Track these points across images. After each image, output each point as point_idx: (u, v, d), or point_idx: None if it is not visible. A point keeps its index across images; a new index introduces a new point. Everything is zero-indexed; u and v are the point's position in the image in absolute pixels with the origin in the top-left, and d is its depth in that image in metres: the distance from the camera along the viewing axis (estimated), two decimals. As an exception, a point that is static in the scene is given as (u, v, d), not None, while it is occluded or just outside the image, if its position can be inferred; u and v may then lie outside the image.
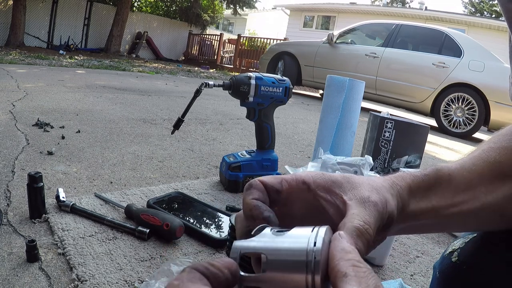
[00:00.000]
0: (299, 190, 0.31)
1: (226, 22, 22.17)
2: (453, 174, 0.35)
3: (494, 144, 0.37)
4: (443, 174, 0.35)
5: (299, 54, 5.57)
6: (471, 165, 0.35)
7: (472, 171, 0.35)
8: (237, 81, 1.10)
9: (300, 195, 0.31)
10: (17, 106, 2.01)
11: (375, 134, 1.54)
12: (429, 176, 0.35)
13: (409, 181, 0.34)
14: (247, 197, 0.30)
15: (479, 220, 0.36)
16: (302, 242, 0.23)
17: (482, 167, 0.35)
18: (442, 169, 0.35)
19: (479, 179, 0.35)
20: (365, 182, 0.31)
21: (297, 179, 0.31)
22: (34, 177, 0.81)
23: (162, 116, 2.31)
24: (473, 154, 0.37)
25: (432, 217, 0.34)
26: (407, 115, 5.08)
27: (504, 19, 0.39)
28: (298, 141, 2.23)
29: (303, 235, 0.23)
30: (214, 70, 9.65)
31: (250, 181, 0.32)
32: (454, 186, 0.34)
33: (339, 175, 0.32)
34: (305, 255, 0.22)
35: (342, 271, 0.21)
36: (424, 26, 4.93)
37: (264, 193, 0.30)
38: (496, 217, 0.36)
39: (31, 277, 0.64)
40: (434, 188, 0.34)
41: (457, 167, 0.35)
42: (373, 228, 0.27)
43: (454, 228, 0.40)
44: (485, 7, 18.00)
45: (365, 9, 12.78)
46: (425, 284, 0.81)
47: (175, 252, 0.78)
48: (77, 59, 6.80)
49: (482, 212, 0.35)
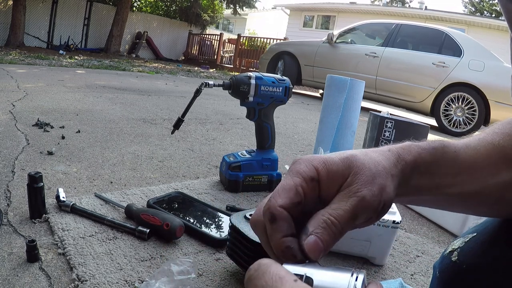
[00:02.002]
0: (311, 190, 0.30)
1: (226, 22, 22.17)
2: (459, 152, 0.35)
3: (498, 129, 0.37)
4: (449, 150, 0.35)
5: (299, 54, 5.56)
6: (476, 145, 0.36)
7: (477, 151, 0.35)
8: (237, 81, 1.10)
9: (313, 193, 0.30)
10: (17, 106, 2.01)
11: (375, 133, 1.54)
12: (436, 150, 0.34)
13: (415, 154, 0.34)
14: (275, 235, 0.29)
15: (475, 203, 0.37)
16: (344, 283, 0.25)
17: (486, 149, 0.35)
18: (449, 145, 0.35)
19: (484, 160, 0.35)
20: (366, 167, 0.30)
21: (306, 178, 0.30)
22: (34, 177, 0.81)
23: (162, 116, 2.31)
24: (478, 136, 0.38)
25: (432, 194, 0.35)
26: (407, 115, 5.08)
27: (504, 19, 0.39)
28: (298, 140, 2.23)
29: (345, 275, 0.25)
30: (214, 70, 9.65)
31: (272, 210, 0.29)
32: (459, 164, 0.35)
33: (340, 161, 0.31)
34: None
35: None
36: (424, 26, 4.93)
37: (290, 222, 0.29)
38: (491, 201, 0.36)
39: (31, 277, 0.64)
40: (439, 163, 0.34)
41: (463, 146, 0.36)
42: (342, 222, 0.28)
43: (450, 206, 0.40)
44: (485, 7, 17.99)
45: (365, 8, 12.78)
46: (425, 284, 0.81)
47: (175, 252, 0.78)
48: (77, 59, 6.80)
49: (481, 195, 0.35)
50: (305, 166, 0.30)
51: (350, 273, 0.25)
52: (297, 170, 0.30)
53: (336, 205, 0.29)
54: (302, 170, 0.30)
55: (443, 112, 4.23)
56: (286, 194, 0.29)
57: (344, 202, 0.29)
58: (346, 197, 0.29)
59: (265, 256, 0.28)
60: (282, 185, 0.30)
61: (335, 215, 0.28)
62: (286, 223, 0.29)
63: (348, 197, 0.29)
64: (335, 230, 0.28)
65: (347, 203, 0.29)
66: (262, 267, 0.24)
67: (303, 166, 0.31)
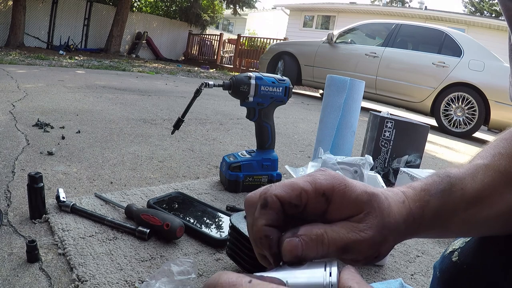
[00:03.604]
0: (317, 203, 0.29)
1: (226, 22, 22.17)
2: (466, 189, 0.35)
3: (503, 150, 0.37)
4: (456, 189, 0.34)
5: (299, 54, 5.57)
6: (483, 177, 0.35)
7: (484, 183, 0.35)
8: (237, 81, 1.10)
9: (316, 205, 0.30)
10: (17, 106, 2.01)
11: (375, 133, 1.54)
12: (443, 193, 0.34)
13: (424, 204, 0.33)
14: (259, 220, 0.28)
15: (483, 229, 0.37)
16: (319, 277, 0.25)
17: (493, 178, 0.35)
18: (455, 183, 0.35)
19: (490, 189, 0.35)
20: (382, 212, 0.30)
21: (317, 190, 0.29)
22: (34, 178, 0.81)
23: (162, 116, 2.31)
24: (484, 160, 0.37)
25: (438, 231, 0.35)
26: (407, 115, 5.08)
27: (504, 18, 0.39)
28: (298, 140, 2.23)
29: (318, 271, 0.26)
30: (214, 70, 9.65)
31: (266, 196, 0.28)
32: (466, 200, 0.34)
33: (363, 191, 0.30)
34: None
35: (347, 285, 0.24)
36: (424, 26, 4.93)
37: (280, 214, 0.28)
38: (498, 225, 0.36)
39: (32, 277, 0.64)
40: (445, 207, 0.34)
41: (470, 180, 0.35)
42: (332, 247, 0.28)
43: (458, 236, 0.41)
44: (485, 7, 17.99)
45: (365, 8, 12.78)
46: (425, 284, 0.81)
47: (176, 252, 0.78)
48: (77, 59, 6.80)
49: (488, 221, 0.35)
50: (324, 179, 0.29)
51: (323, 267, 0.26)
52: (315, 177, 0.30)
53: (337, 228, 0.29)
54: (319, 181, 0.29)
55: (443, 112, 4.23)
56: (288, 190, 0.29)
57: (345, 231, 0.29)
58: (350, 229, 0.29)
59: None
60: (291, 181, 0.29)
61: (330, 237, 0.28)
62: (275, 213, 0.28)
63: (351, 230, 0.29)
64: (321, 249, 0.28)
65: (347, 234, 0.28)
66: (211, 280, 0.23)
67: (323, 178, 0.30)
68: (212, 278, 0.23)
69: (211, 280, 0.23)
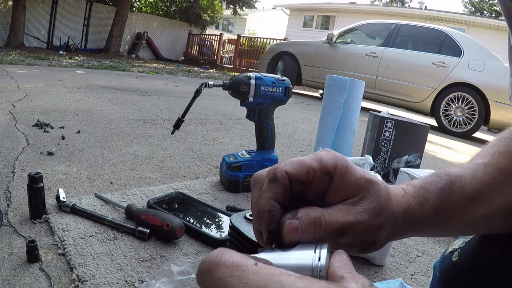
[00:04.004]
0: (321, 181, 0.30)
1: (226, 22, 22.17)
2: (465, 187, 0.35)
3: (503, 148, 0.37)
4: (455, 187, 0.35)
5: (299, 54, 5.57)
6: (483, 175, 0.35)
7: (484, 181, 0.35)
8: (237, 81, 1.10)
9: (320, 184, 0.30)
10: (17, 106, 2.01)
11: (375, 133, 1.54)
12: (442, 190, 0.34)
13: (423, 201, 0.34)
14: (266, 193, 0.28)
15: (484, 227, 0.37)
16: (308, 259, 0.25)
17: (493, 176, 0.35)
18: (455, 181, 0.35)
19: (490, 187, 0.35)
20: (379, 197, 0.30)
21: (322, 169, 0.29)
22: (34, 178, 0.81)
23: (162, 116, 2.31)
24: (483, 159, 0.37)
25: (437, 229, 0.35)
26: (407, 115, 5.08)
27: (504, 18, 0.39)
28: (298, 141, 2.23)
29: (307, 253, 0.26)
30: (214, 70, 9.65)
31: (276, 171, 0.29)
32: (465, 198, 0.34)
33: (362, 176, 0.30)
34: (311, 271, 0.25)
35: (339, 274, 0.23)
36: (424, 26, 4.93)
37: (287, 190, 0.29)
38: (498, 222, 0.36)
39: (32, 277, 0.64)
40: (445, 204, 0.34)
41: (470, 179, 0.35)
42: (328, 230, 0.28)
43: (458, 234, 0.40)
44: (485, 7, 17.99)
45: (365, 8, 12.78)
46: (425, 284, 0.81)
47: (176, 252, 0.78)
48: (77, 60, 6.80)
49: (490, 219, 0.35)
50: (329, 158, 0.30)
51: (313, 250, 0.26)
52: (320, 156, 0.30)
53: (332, 212, 0.29)
54: (324, 159, 0.30)
55: (443, 112, 4.23)
56: (296, 167, 0.29)
57: (340, 214, 0.29)
58: (345, 212, 0.29)
59: None
60: (299, 159, 0.30)
61: (327, 219, 0.28)
62: (282, 188, 0.28)
63: (347, 213, 0.29)
64: (318, 231, 0.28)
65: (343, 217, 0.29)
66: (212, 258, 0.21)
67: (328, 157, 0.30)
68: (212, 256, 0.21)
69: (212, 258, 0.21)
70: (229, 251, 0.21)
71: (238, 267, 0.20)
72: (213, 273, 0.20)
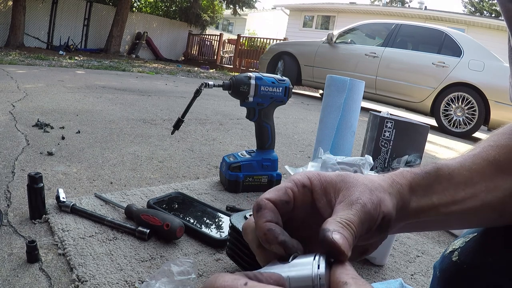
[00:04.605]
0: (302, 195, 0.32)
1: (226, 22, 22.17)
2: (453, 173, 0.35)
3: (493, 142, 0.37)
4: (443, 172, 0.35)
5: (299, 54, 5.57)
6: (471, 163, 0.36)
7: (472, 170, 0.35)
8: (237, 81, 1.10)
9: (304, 199, 0.32)
10: (17, 106, 2.01)
11: (375, 133, 1.54)
12: (429, 174, 0.35)
13: (409, 179, 0.34)
14: (259, 220, 0.29)
15: (479, 218, 0.37)
16: (307, 269, 0.26)
17: (481, 166, 0.36)
18: (442, 167, 0.36)
19: (479, 177, 0.35)
20: (360, 182, 0.31)
21: (297, 183, 0.32)
22: (34, 178, 0.81)
23: (162, 117, 2.31)
24: (472, 152, 0.38)
25: (433, 215, 0.35)
26: (407, 115, 5.08)
27: (504, 19, 0.39)
28: (298, 141, 2.23)
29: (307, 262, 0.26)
30: (214, 70, 9.65)
31: (258, 201, 0.31)
32: (455, 184, 0.35)
33: (334, 175, 0.32)
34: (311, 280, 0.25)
35: (343, 281, 0.24)
36: (424, 26, 4.93)
37: (276, 212, 0.30)
38: (495, 215, 0.36)
39: (32, 277, 0.64)
40: (434, 185, 0.35)
41: (457, 166, 0.36)
42: (356, 226, 0.28)
43: (454, 225, 0.41)
44: (485, 7, 18.00)
45: (365, 8, 12.79)
46: (425, 284, 0.81)
47: (176, 252, 0.78)
48: (77, 60, 6.80)
49: (482, 210, 0.35)
50: (299, 175, 0.33)
51: (312, 258, 0.26)
52: (291, 178, 0.33)
53: (342, 213, 0.29)
54: (295, 177, 0.33)
55: (443, 112, 4.23)
56: (274, 192, 0.31)
57: (348, 210, 0.29)
58: (349, 206, 0.29)
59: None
60: (274, 187, 0.32)
61: (348, 218, 0.28)
62: (270, 212, 0.30)
63: (350, 205, 0.29)
64: (353, 232, 0.28)
65: (352, 210, 0.29)
66: (207, 284, 0.23)
67: (298, 175, 0.33)
68: (208, 282, 0.23)
69: (207, 284, 0.23)
70: (223, 275, 0.23)
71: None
72: None
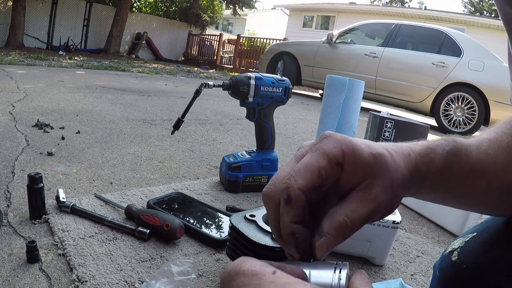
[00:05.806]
0: (332, 174, 0.29)
1: (226, 22, 22.17)
2: (470, 155, 0.36)
3: (507, 129, 0.38)
4: (461, 154, 0.36)
5: (298, 54, 5.57)
6: (487, 148, 0.36)
7: (487, 154, 0.36)
8: (236, 81, 1.10)
9: (332, 178, 0.29)
10: (17, 107, 2.01)
11: (375, 133, 1.54)
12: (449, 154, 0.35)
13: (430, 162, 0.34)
14: (286, 217, 0.28)
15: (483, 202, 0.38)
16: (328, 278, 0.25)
17: (496, 151, 0.36)
18: (461, 148, 0.36)
19: (492, 162, 0.36)
20: (388, 170, 0.30)
21: (331, 161, 0.28)
22: (34, 178, 0.81)
23: (162, 117, 2.31)
24: (488, 136, 0.38)
25: (440, 193, 0.36)
26: (407, 115, 5.08)
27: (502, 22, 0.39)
28: (298, 141, 2.23)
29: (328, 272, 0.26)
30: (213, 70, 9.65)
31: (289, 191, 0.27)
32: (469, 167, 0.35)
33: (369, 155, 0.29)
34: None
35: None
36: (424, 26, 4.93)
37: (305, 207, 0.28)
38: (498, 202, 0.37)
39: (32, 278, 0.64)
40: (450, 168, 0.35)
41: (474, 149, 0.36)
42: (356, 225, 0.28)
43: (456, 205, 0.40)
44: (485, 7, 18.00)
45: (365, 9, 12.79)
46: (425, 284, 0.81)
47: (175, 253, 0.78)
48: (76, 60, 6.80)
49: (489, 195, 0.36)
50: (333, 147, 0.29)
51: (333, 269, 0.26)
52: (324, 150, 0.29)
53: (354, 206, 0.29)
54: (330, 151, 0.29)
55: (443, 112, 4.23)
56: (308, 176, 0.28)
57: (362, 205, 0.28)
58: (365, 200, 0.29)
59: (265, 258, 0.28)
60: (306, 164, 0.28)
61: (351, 218, 0.28)
62: (300, 207, 0.27)
63: (367, 200, 0.29)
64: (347, 232, 0.28)
65: (365, 207, 0.28)
66: (233, 267, 0.22)
67: (332, 146, 0.29)
68: (234, 265, 0.22)
69: (233, 267, 0.22)
70: (250, 259, 0.22)
71: (256, 275, 0.21)
72: (232, 282, 0.21)
